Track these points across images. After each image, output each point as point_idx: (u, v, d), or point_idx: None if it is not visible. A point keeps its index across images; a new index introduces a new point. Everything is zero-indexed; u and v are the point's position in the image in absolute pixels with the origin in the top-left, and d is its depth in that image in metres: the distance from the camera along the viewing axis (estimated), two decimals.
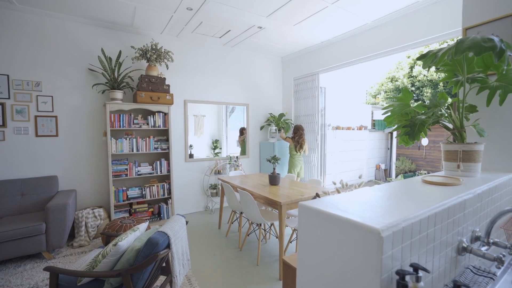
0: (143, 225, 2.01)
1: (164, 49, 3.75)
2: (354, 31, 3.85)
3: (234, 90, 4.85)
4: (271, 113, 5.26)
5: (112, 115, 3.47)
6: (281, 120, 5.02)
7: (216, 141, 4.76)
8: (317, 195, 1.14)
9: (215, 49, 4.57)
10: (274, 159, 3.10)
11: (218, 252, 2.97)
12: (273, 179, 3.07)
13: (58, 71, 3.39)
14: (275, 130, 5.03)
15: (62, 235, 2.78)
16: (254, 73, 5.09)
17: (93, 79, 3.59)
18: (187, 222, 2.14)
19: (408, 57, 13.08)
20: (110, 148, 3.46)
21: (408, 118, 1.65)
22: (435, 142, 7.69)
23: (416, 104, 1.56)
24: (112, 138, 3.50)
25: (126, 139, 3.61)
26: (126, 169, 3.62)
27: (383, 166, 8.42)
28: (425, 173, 7.61)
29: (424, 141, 7.84)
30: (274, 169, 3.15)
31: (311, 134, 4.82)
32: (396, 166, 8.14)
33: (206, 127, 4.65)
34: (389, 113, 1.65)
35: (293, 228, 2.64)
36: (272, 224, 3.27)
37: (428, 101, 1.58)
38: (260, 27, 3.77)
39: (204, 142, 4.65)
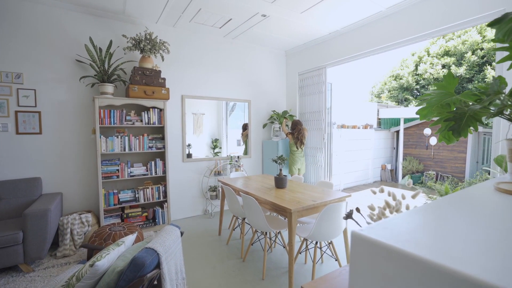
0: (130, 238, 1.70)
1: (160, 39, 3.44)
2: (366, 20, 3.53)
3: (235, 86, 4.53)
4: (274, 110, 4.95)
5: (101, 110, 3.16)
6: (286, 116, 4.71)
7: (216, 140, 4.45)
8: (357, 210, 0.83)
9: (215, 41, 4.26)
10: (281, 159, 2.79)
11: (218, 263, 2.66)
12: (280, 182, 2.76)
13: (42, 62, 3.07)
14: (279, 128, 4.73)
15: (43, 245, 2.47)
16: (256, 68, 4.77)
17: (81, 71, 3.27)
18: (182, 233, 1.83)
19: (413, 54, 12.79)
20: (100, 147, 3.14)
21: (450, 109, 1.32)
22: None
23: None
24: (102, 136, 3.18)
25: (117, 137, 3.29)
26: (118, 170, 3.30)
27: (389, 167, 8.12)
28: (433, 174, 7.31)
29: (432, 140, 7.53)
30: (280, 170, 2.84)
31: (317, 132, 4.51)
32: (403, 167, 7.83)
33: (205, 125, 4.33)
34: (424, 105, 1.34)
35: (302, 238, 2.33)
36: (279, 232, 2.96)
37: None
38: (264, 15, 3.46)
39: (203, 141, 4.34)
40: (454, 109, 1.30)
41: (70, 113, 3.24)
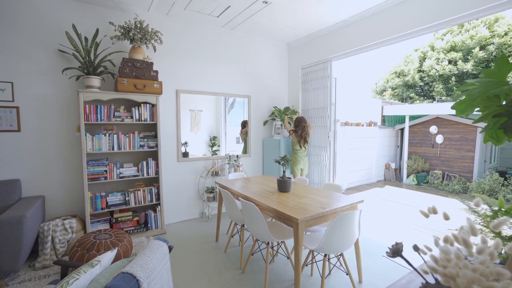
0: (108, 256, 1.43)
1: (152, 28, 3.14)
2: (377, 8, 3.24)
3: (234, 80, 4.24)
4: (276, 106, 4.66)
5: (87, 106, 2.87)
6: (288, 112, 4.42)
7: (214, 137, 4.17)
8: (415, 249, 0.56)
9: (212, 32, 3.96)
10: (285, 160, 2.51)
11: (214, 275, 2.40)
12: (283, 185, 2.49)
13: (20, 52, 2.77)
14: (281, 125, 4.44)
15: (17, 256, 2.20)
16: (256, 61, 4.48)
17: (64, 63, 2.98)
18: (171, 248, 1.56)
19: (416, 50, 12.47)
20: (85, 146, 2.86)
21: (499, 103, 1.04)
22: (451, 139, 7.12)
23: None
24: (88, 134, 2.90)
25: (105, 135, 3.01)
26: (106, 171, 3.02)
27: (393, 166, 7.86)
28: (440, 174, 7.06)
29: (439, 139, 7.27)
30: (284, 172, 2.56)
31: (322, 130, 4.24)
32: (408, 166, 7.57)
33: (203, 122, 4.05)
34: (463, 97, 1.05)
35: (310, 250, 2.06)
36: (282, 242, 2.69)
37: None
38: (266, 2, 3.16)
39: (201, 139, 4.06)
40: (504, 102, 1.02)
41: (52, 109, 2.95)
